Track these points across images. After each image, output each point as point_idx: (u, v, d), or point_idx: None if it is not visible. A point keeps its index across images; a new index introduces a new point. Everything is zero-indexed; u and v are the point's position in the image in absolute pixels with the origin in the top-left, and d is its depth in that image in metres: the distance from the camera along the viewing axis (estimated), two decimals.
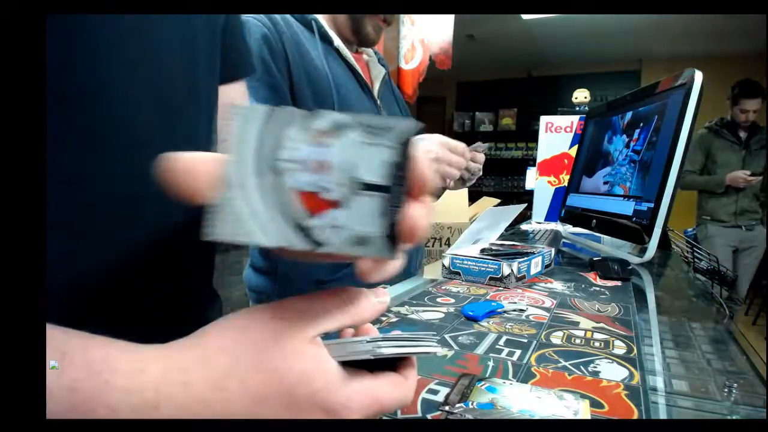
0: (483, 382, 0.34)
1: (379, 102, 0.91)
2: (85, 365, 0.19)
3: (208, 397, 0.21)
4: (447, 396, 0.32)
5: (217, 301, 0.45)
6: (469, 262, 0.70)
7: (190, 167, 0.22)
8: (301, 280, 0.80)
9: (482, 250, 0.79)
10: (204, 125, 0.38)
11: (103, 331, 0.21)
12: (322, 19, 0.83)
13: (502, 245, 0.85)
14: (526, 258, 0.70)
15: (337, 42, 0.83)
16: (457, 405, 0.31)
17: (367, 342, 0.24)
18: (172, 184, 0.22)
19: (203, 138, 0.38)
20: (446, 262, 0.73)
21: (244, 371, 0.21)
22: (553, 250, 0.82)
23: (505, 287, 0.66)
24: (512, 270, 0.66)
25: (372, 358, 0.23)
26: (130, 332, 0.22)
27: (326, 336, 0.24)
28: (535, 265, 0.74)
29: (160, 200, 0.33)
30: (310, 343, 0.23)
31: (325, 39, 0.82)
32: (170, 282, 0.35)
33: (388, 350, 0.24)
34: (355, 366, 0.24)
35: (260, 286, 0.84)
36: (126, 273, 0.31)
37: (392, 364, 0.26)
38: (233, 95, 0.49)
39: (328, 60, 0.80)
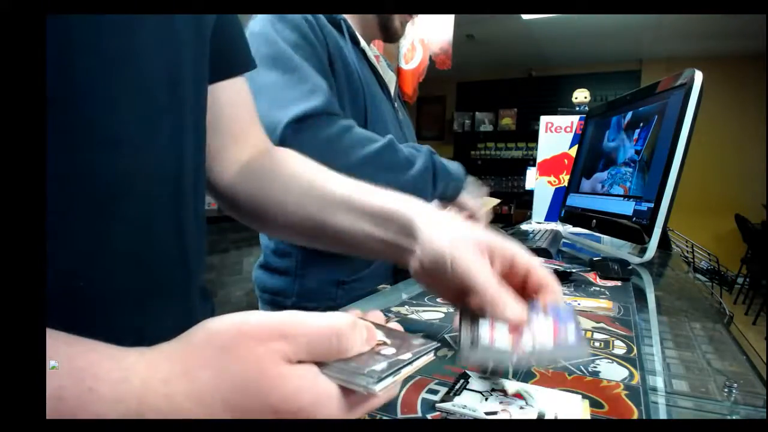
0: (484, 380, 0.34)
1: (395, 105, 0.91)
2: (70, 373, 0.19)
3: (191, 411, 0.21)
4: (447, 392, 0.32)
5: (208, 301, 0.44)
6: None
7: None
8: (321, 280, 0.78)
9: None
10: (189, 124, 0.38)
11: (85, 330, 0.21)
12: (348, 17, 0.82)
13: None
14: None
15: (363, 44, 0.83)
16: (457, 402, 0.31)
17: (365, 375, 0.23)
18: None
19: (188, 137, 0.37)
20: None
21: (227, 390, 0.21)
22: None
23: None
24: None
25: (365, 393, 0.23)
26: (114, 331, 0.22)
27: None
28: None
29: (140, 198, 0.33)
30: (293, 364, 0.22)
31: (353, 40, 0.81)
32: (153, 281, 0.35)
33: (383, 384, 0.23)
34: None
35: (276, 286, 0.80)
36: (107, 272, 0.31)
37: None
38: (237, 90, 0.49)
39: (357, 61, 0.80)
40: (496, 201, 0.99)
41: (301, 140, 0.63)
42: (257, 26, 0.72)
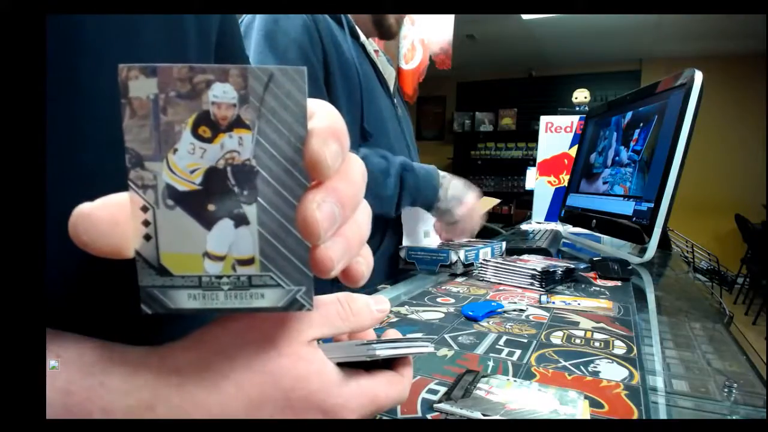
0: (486, 379, 0.34)
1: (395, 100, 0.91)
2: (79, 368, 0.19)
3: (203, 400, 0.20)
4: (449, 390, 0.32)
5: None
6: (423, 253, 0.78)
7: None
8: (317, 279, 0.79)
9: (441, 244, 0.87)
10: None
11: (88, 332, 0.21)
12: None
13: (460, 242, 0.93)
14: (473, 247, 0.79)
15: (363, 39, 0.84)
16: (460, 400, 0.31)
17: (364, 344, 0.24)
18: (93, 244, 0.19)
19: None
20: (402, 253, 0.80)
21: (240, 374, 0.21)
22: (504, 243, 0.89)
23: (453, 273, 0.75)
24: (459, 257, 0.74)
25: (368, 360, 0.24)
26: (119, 333, 0.22)
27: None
28: (484, 255, 0.81)
29: None
30: (306, 345, 0.23)
31: (353, 35, 0.82)
32: None
33: (383, 352, 0.24)
34: (352, 365, 0.24)
35: None
36: (110, 273, 0.31)
37: (389, 362, 0.26)
38: None
39: (356, 55, 0.81)
40: (496, 201, 1.00)
41: None
42: (252, 40, 0.73)
